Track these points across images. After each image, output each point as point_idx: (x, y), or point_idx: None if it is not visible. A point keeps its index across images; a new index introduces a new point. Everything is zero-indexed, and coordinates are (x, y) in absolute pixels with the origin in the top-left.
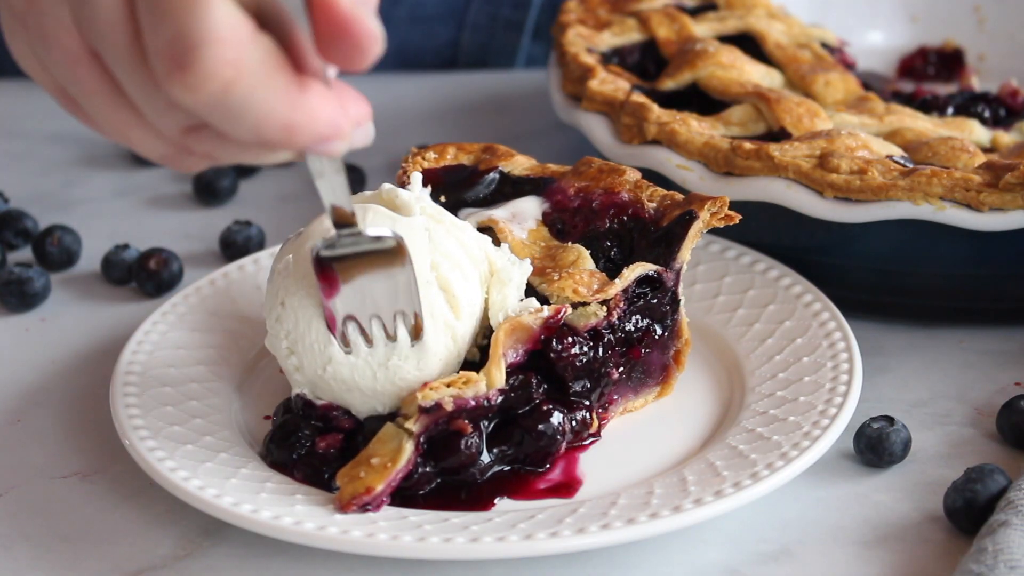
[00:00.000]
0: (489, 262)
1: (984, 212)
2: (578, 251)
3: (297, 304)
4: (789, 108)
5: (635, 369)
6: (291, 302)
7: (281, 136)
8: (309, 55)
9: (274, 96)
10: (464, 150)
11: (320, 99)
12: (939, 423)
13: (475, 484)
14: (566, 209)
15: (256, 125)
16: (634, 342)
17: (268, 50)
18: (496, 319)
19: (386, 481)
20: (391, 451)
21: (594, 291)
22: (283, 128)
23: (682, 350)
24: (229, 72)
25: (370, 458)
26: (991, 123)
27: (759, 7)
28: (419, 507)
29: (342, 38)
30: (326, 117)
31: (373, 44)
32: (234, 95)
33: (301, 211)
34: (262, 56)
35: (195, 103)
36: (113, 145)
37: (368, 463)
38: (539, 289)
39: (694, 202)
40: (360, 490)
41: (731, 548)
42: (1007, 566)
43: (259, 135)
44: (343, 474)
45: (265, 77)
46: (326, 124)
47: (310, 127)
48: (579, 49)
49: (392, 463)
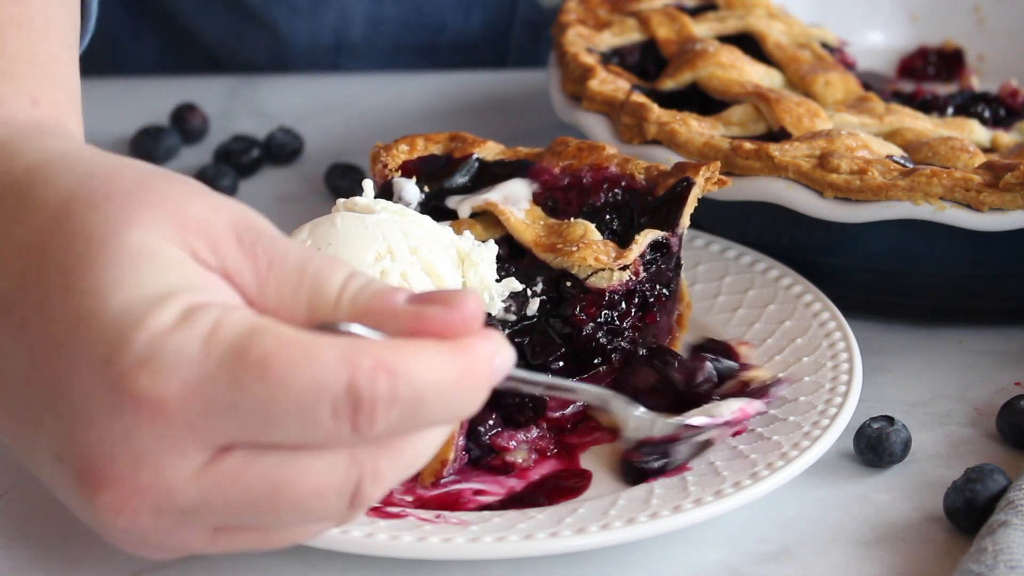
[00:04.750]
0: (456, 248)
1: (984, 212)
2: (584, 225)
3: None
4: (789, 108)
5: (647, 334)
6: None
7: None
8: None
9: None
10: (432, 140)
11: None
12: (939, 423)
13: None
14: (556, 188)
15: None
16: (649, 307)
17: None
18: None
19: (455, 447)
20: None
21: (613, 258)
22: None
23: (684, 313)
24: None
25: None
26: (991, 123)
27: (759, 7)
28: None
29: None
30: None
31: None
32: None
33: (301, 211)
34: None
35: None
36: (114, 145)
37: None
38: (554, 264)
39: (686, 169)
40: (437, 467)
41: (731, 548)
42: (1007, 566)
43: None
44: None
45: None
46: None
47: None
48: (579, 49)
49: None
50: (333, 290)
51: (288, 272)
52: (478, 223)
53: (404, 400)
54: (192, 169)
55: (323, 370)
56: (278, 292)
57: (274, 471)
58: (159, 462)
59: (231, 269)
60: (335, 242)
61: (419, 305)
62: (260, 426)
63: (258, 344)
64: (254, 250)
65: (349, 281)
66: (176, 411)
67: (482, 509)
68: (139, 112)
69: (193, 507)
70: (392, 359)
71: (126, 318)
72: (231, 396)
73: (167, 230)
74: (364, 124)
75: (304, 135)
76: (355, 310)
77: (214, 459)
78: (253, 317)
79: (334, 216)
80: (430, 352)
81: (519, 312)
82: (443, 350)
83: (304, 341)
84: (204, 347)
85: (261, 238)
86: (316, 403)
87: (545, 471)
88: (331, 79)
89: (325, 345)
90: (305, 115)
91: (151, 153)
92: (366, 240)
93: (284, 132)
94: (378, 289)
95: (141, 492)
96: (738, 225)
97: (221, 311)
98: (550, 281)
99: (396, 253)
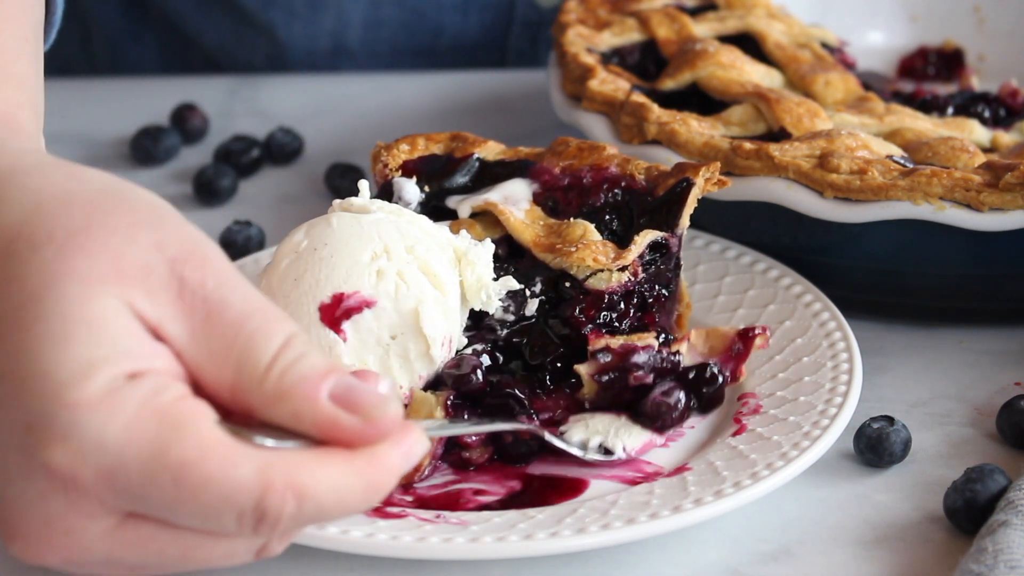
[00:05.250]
0: (453, 247)
1: (984, 212)
2: (584, 225)
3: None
4: (789, 108)
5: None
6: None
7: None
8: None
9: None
10: (433, 140)
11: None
12: (939, 423)
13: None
14: (556, 188)
15: None
16: (648, 308)
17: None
18: (478, 299)
19: (430, 453)
20: (424, 419)
21: (612, 258)
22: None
23: (683, 314)
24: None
25: None
26: (991, 123)
27: (759, 7)
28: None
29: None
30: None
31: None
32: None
33: (301, 211)
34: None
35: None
36: (114, 145)
37: None
38: (553, 264)
39: (686, 170)
40: (411, 472)
41: (731, 548)
42: (1007, 566)
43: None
44: None
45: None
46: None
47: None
48: (579, 49)
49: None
50: (264, 359)
51: (224, 328)
52: (478, 223)
53: (308, 516)
54: (192, 169)
55: (236, 487)
56: (209, 347)
57: (183, 539)
58: (70, 524)
59: (166, 320)
60: (331, 242)
61: (338, 410)
62: (168, 515)
63: (178, 448)
64: (194, 299)
65: (282, 352)
66: (89, 488)
67: (482, 509)
68: (139, 112)
69: (105, 560)
70: (302, 480)
71: (50, 385)
72: (143, 490)
73: (103, 283)
74: (364, 124)
75: (304, 135)
76: (278, 391)
77: (125, 522)
78: (180, 404)
79: (330, 216)
80: (338, 470)
81: (518, 312)
82: (351, 469)
83: (223, 454)
84: (125, 433)
85: (206, 281)
86: (222, 513)
87: (545, 471)
88: (331, 79)
89: (242, 461)
90: (305, 115)
91: (151, 153)
92: (362, 240)
93: (284, 132)
94: (306, 373)
95: (53, 548)
96: (738, 225)
97: (148, 392)
98: (549, 281)
99: (392, 253)
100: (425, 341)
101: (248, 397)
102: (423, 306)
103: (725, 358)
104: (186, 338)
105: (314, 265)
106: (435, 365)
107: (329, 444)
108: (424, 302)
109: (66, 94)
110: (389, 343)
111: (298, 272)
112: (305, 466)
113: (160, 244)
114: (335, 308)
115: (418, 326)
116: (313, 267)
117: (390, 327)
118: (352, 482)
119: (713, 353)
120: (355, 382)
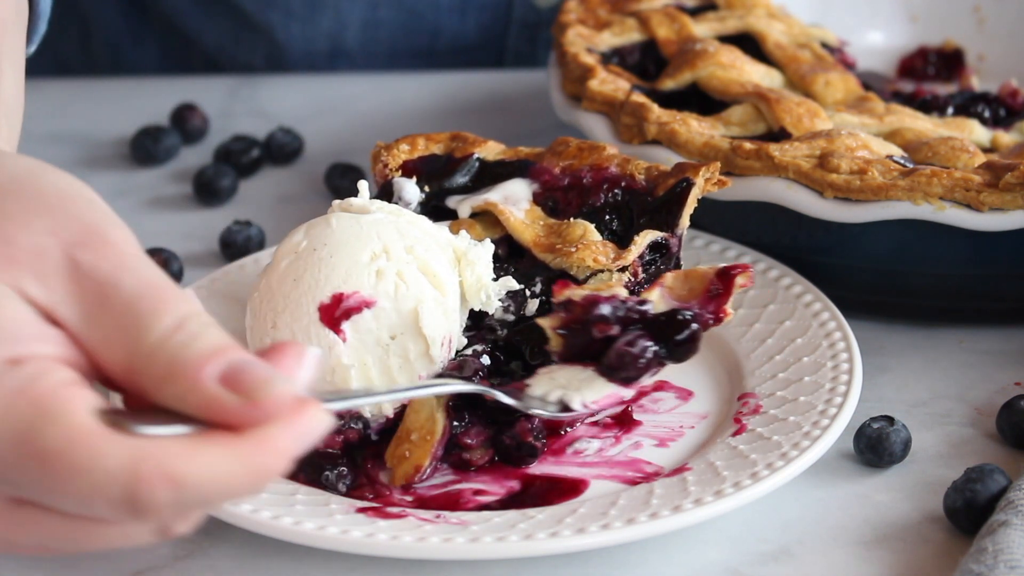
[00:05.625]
0: (453, 247)
1: (984, 212)
2: (584, 225)
3: (290, 319)
4: (789, 108)
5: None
6: (283, 319)
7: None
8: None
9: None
10: (433, 140)
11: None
12: (939, 423)
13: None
14: (557, 188)
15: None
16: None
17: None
18: (478, 299)
19: (431, 455)
20: (425, 420)
21: (612, 259)
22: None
23: None
24: None
25: (409, 433)
26: (991, 123)
27: (759, 7)
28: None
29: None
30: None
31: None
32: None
33: (301, 211)
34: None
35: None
36: (114, 145)
37: (409, 439)
38: (553, 264)
39: (686, 170)
40: (410, 471)
41: (731, 548)
42: (1007, 566)
43: None
44: (390, 455)
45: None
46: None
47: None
48: (579, 49)
49: (430, 435)
50: (153, 337)
51: (117, 307)
52: (478, 223)
53: (189, 502)
54: (192, 169)
55: (103, 477)
56: (103, 330)
57: (71, 523)
58: None
59: (59, 304)
60: (331, 243)
61: (221, 390)
62: (45, 502)
63: (44, 436)
64: (88, 281)
65: (173, 333)
66: None
67: (482, 509)
68: (139, 112)
69: (4, 540)
70: (175, 468)
71: None
72: (13, 476)
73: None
74: (364, 124)
75: (304, 135)
76: (165, 372)
77: (12, 506)
78: (58, 391)
79: (330, 217)
80: (218, 456)
81: (518, 312)
82: (231, 453)
83: (91, 443)
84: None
85: (100, 263)
86: (93, 502)
87: (545, 471)
88: (331, 79)
89: (111, 451)
90: (305, 115)
91: (151, 153)
92: (362, 240)
93: (284, 132)
94: (192, 354)
95: None
96: (738, 225)
97: (25, 378)
98: (549, 281)
99: (392, 253)
100: (425, 341)
101: (139, 379)
102: (423, 306)
103: (705, 300)
104: (81, 321)
105: (314, 265)
106: (435, 365)
107: (219, 427)
108: (424, 302)
109: (66, 94)
110: (389, 343)
111: (298, 272)
112: (181, 453)
113: (56, 228)
114: (335, 308)
115: (418, 326)
116: (313, 267)
117: (390, 327)
118: (233, 467)
119: (693, 295)
120: (250, 362)
